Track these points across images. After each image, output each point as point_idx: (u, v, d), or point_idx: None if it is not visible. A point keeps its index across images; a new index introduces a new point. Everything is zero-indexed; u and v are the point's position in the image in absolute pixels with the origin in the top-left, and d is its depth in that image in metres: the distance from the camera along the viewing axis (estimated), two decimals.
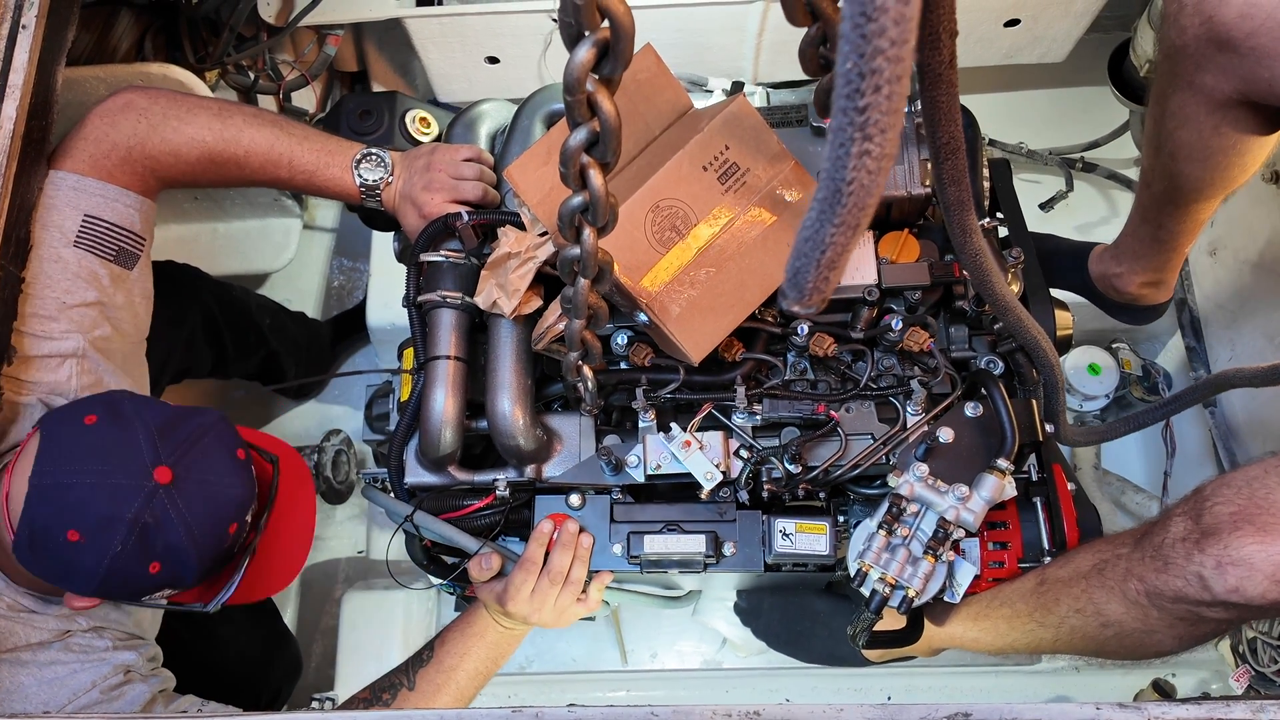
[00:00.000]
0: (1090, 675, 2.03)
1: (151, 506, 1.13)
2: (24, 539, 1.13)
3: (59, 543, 1.12)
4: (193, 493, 1.16)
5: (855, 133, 0.54)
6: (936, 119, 0.89)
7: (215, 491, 1.18)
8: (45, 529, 1.12)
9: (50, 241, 1.28)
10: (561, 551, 1.38)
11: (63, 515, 1.11)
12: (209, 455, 1.19)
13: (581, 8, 0.65)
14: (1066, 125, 2.35)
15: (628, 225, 1.20)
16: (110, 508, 1.11)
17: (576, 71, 0.70)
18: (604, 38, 0.69)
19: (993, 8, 2.04)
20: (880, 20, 0.50)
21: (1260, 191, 1.92)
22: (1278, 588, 1.00)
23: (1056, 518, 1.32)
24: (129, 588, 1.18)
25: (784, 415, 1.36)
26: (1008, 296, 1.13)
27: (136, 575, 1.15)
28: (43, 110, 1.32)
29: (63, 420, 1.17)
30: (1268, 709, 0.99)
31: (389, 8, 2.08)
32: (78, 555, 1.12)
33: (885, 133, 0.54)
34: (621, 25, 0.69)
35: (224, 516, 1.19)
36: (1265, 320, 1.92)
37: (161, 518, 1.13)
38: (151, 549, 1.14)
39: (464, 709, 1.41)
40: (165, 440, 1.16)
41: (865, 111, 0.53)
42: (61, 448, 1.14)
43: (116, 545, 1.12)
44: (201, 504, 1.16)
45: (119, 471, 1.13)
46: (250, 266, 2.31)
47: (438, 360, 1.36)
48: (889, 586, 1.24)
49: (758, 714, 1.00)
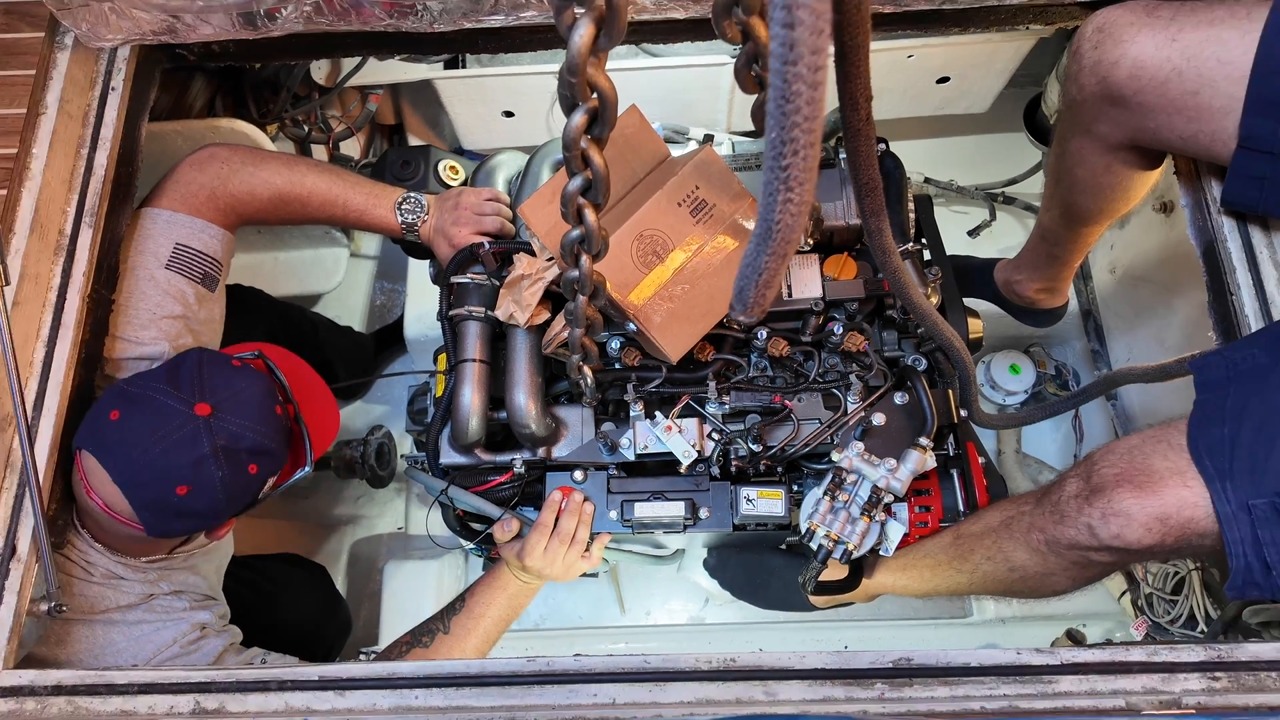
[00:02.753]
0: (1014, 626, 2.04)
1: (215, 433, 1.14)
2: (150, 520, 1.14)
3: (176, 502, 1.13)
4: (233, 405, 1.17)
5: (780, 185, 0.59)
6: (858, 164, 0.91)
7: (246, 394, 1.19)
8: (158, 501, 1.13)
9: (147, 264, 1.29)
10: (569, 517, 1.39)
11: (163, 484, 1.12)
12: (218, 376, 1.19)
13: (576, 84, 0.67)
14: (990, 165, 2.37)
15: (617, 251, 1.20)
16: (191, 452, 1.12)
17: (572, 134, 0.71)
18: (594, 107, 0.70)
19: (927, 68, 2.08)
20: (795, 102, 0.54)
21: (1151, 220, 1.94)
22: (1150, 535, 1.01)
23: (970, 485, 1.33)
24: (249, 494, 1.21)
25: (747, 404, 1.36)
26: (924, 305, 1.15)
27: (245, 483, 1.18)
28: (129, 159, 1.35)
29: (95, 426, 1.16)
30: (1160, 652, 1.02)
31: (421, 71, 2.12)
32: (197, 500, 1.14)
33: (803, 184, 0.59)
34: (608, 98, 0.69)
35: (266, 405, 1.21)
36: (1155, 327, 1.95)
37: (231, 435, 1.15)
38: (240, 459, 1.16)
39: (487, 658, 1.41)
40: (181, 389, 1.16)
41: (787, 170, 0.58)
42: (114, 445, 1.13)
43: (218, 473, 1.14)
44: (245, 407, 1.18)
45: (171, 430, 1.13)
46: (305, 289, 2.33)
47: (465, 363, 1.37)
48: (833, 542, 1.26)
49: (734, 660, 1.03)
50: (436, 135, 2.46)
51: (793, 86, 0.52)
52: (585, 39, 0.63)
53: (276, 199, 1.38)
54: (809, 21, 0.50)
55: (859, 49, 0.74)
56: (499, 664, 1.05)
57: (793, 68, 0.52)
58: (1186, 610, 1.70)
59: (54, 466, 1.16)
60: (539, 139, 1.92)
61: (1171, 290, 1.87)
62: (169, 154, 1.76)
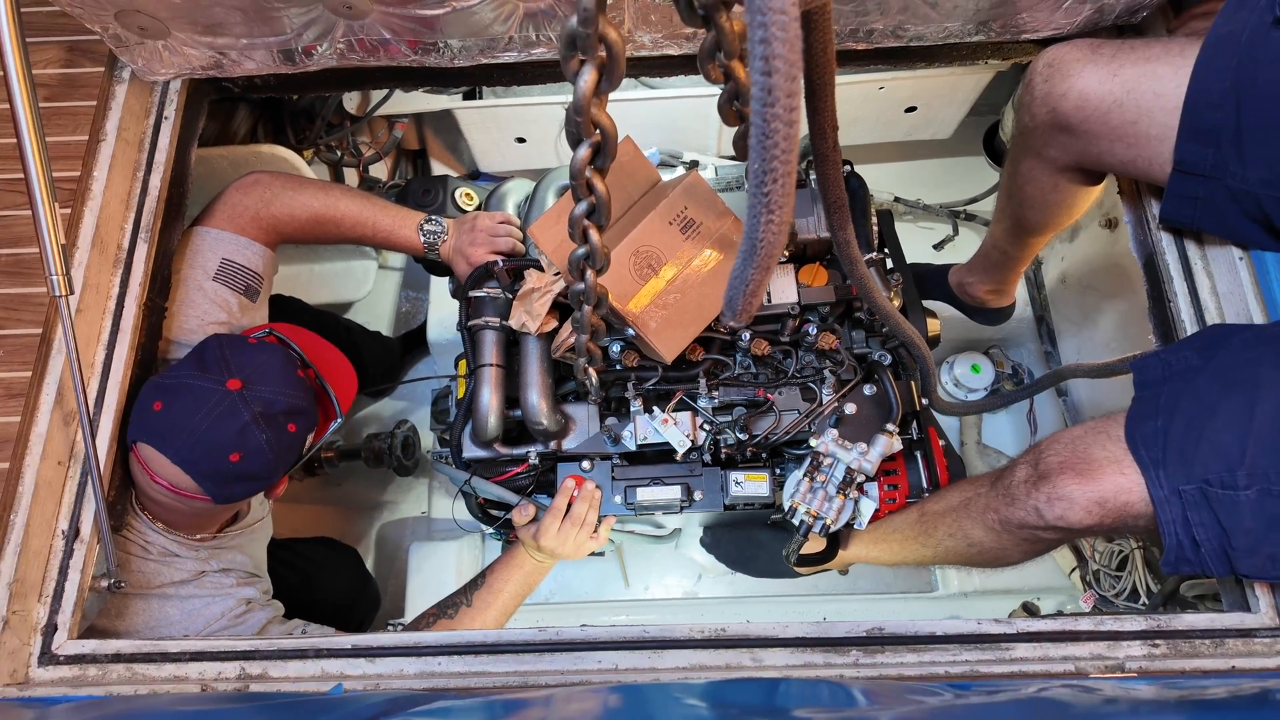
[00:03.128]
0: (975, 600, 2.02)
1: (250, 402, 1.14)
2: (213, 490, 1.15)
3: (232, 469, 1.13)
4: (260, 376, 1.17)
5: (762, 208, 0.60)
6: (826, 185, 0.94)
7: (268, 365, 1.19)
8: (217, 471, 1.13)
9: (196, 277, 1.30)
10: (580, 501, 1.40)
11: (217, 455, 1.12)
12: (241, 354, 1.19)
13: (581, 123, 0.68)
14: (953, 185, 2.36)
15: (616, 265, 1.21)
16: (233, 422, 1.13)
17: (578, 165, 0.72)
18: (597, 141, 0.71)
19: (897, 99, 2.07)
20: (774, 138, 0.56)
21: (1097, 234, 1.94)
22: (1090, 516, 1.03)
23: (932, 466, 1.35)
24: (294, 452, 1.21)
25: (734, 398, 1.38)
26: (887, 307, 1.16)
27: (288, 442, 1.18)
28: (180, 180, 1.35)
29: (144, 420, 1.16)
30: (1106, 622, 1.04)
31: (442, 102, 2.13)
32: (250, 464, 1.14)
33: (783, 207, 0.60)
34: (609, 134, 0.70)
35: (289, 370, 1.20)
36: (1100, 330, 1.94)
37: (264, 402, 1.15)
38: (279, 421, 1.16)
39: (503, 629, 1.40)
40: (209, 371, 1.16)
41: (769, 195, 0.59)
42: (165, 432, 1.13)
43: (263, 437, 1.14)
44: (271, 376, 1.18)
45: (211, 406, 1.13)
46: (339, 297, 2.33)
47: (484, 367, 1.38)
48: (812, 518, 1.27)
49: (724, 630, 1.04)
50: (456, 159, 2.45)
51: (771, 125, 0.55)
52: (589, 84, 0.64)
53: (313, 220, 1.38)
54: (784, 69, 0.52)
55: (826, 86, 0.78)
56: (513, 634, 1.06)
57: (771, 109, 0.54)
58: (1130, 585, 1.69)
59: (113, 456, 1.16)
60: (549, 162, 1.91)
61: (1115, 297, 1.87)
62: (216, 176, 1.78)
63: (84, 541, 1.12)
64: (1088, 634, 1.04)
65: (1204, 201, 1.09)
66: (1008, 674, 0.99)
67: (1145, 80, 1.06)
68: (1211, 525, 0.94)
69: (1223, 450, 0.93)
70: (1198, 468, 0.94)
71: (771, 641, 1.04)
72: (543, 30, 1.18)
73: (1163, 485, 0.96)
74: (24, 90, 1.00)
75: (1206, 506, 0.94)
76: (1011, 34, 1.24)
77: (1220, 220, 1.10)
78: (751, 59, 0.53)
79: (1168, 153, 1.07)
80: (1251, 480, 0.91)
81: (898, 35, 1.21)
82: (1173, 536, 0.97)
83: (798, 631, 1.04)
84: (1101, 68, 1.10)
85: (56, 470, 1.13)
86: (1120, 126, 1.10)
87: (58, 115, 1.28)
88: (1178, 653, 1.02)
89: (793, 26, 0.51)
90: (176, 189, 1.34)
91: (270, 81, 1.38)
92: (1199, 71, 1.02)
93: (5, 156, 1.26)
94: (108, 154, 1.28)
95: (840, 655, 1.02)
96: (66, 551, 1.11)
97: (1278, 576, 0.97)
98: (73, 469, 1.15)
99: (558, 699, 0.82)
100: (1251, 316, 1.16)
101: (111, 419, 1.17)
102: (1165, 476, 0.96)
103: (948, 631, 1.04)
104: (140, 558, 1.20)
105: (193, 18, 1.15)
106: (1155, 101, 1.06)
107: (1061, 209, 1.33)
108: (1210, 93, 1.01)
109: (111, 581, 1.11)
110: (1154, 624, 1.04)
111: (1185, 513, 0.95)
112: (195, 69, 1.28)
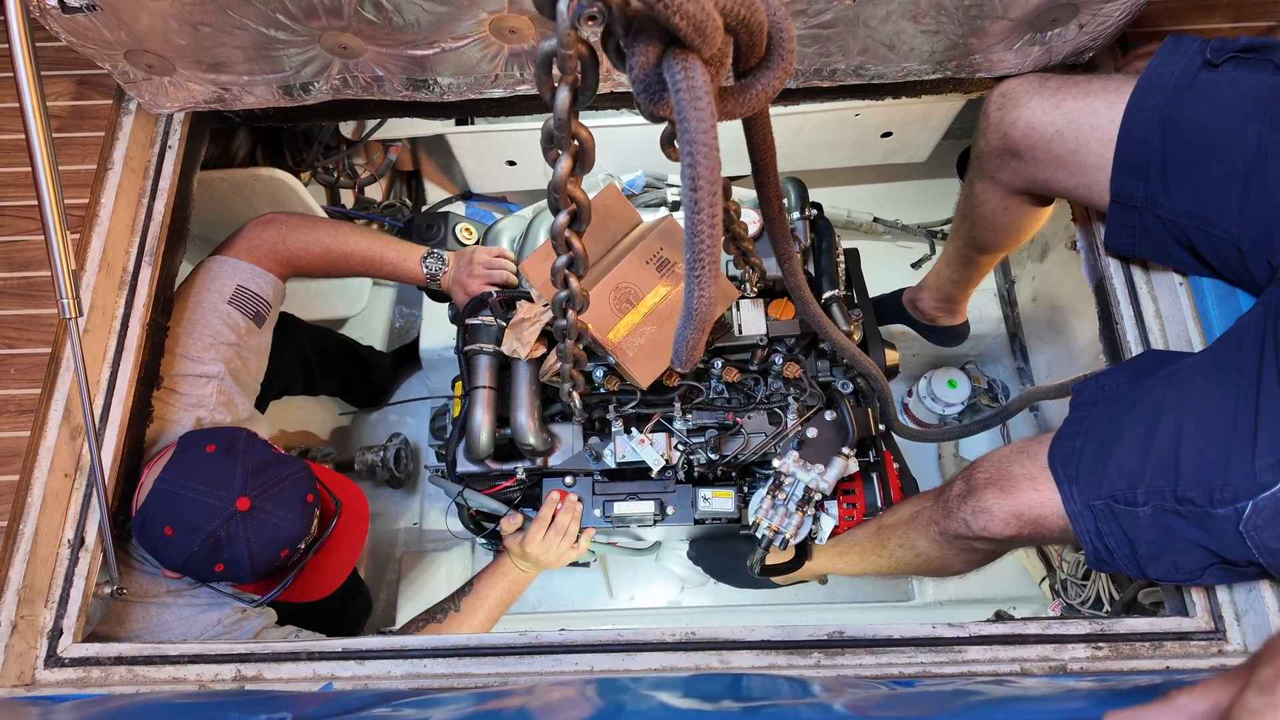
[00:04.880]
0: (951, 609, 2.06)
1: (228, 526, 1.14)
2: (138, 521, 1.17)
3: (158, 533, 1.15)
4: (261, 522, 1.17)
5: (695, 285, 0.71)
6: (775, 239, 1.03)
7: (277, 525, 1.18)
8: (153, 519, 1.15)
9: (212, 299, 1.35)
10: (563, 512, 1.47)
11: (167, 514, 1.14)
12: (283, 496, 1.19)
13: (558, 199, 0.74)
14: (930, 206, 2.40)
15: (598, 299, 1.30)
16: (199, 519, 1.13)
17: (557, 229, 0.78)
18: (573, 210, 0.76)
19: (872, 124, 2.10)
20: (700, 238, 0.67)
21: (1065, 256, 1.97)
22: (1009, 528, 1.08)
23: (886, 486, 1.41)
24: (200, 575, 1.20)
25: (706, 421, 1.44)
26: (841, 341, 1.22)
27: (205, 570, 1.18)
28: (183, 206, 1.39)
29: (194, 443, 1.19)
30: (1053, 626, 1.08)
31: (435, 127, 2.14)
32: (167, 545, 1.15)
33: (710, 283, 0.72)
34: (583, 205, 0.76)
35: (279, 545, 1.19)
36: (1068, 346, 1.99)
37: (232, 535, 1.15)
38: (218, 555, 1.16)
39: (486, 632, 1.45)
40: (255, 478, 1.17)
41: (699, 277, 0.70)
42: (185, 465, 1.16)
43: (194, 547, 1.14)
44: (265, 532, 1.17)
45: (215, 494, 1.14)
46: (334, 313, 2.34)
47: (477, 389, 1.44)
48: (773, 532, 1.33)
49: (694, 633, 1.08)
50: (450, 180, 2.48)
51: (698, 228, 0.66)
52: (565, 169, 0.71)
53: (325, 255, 1.45)
54: (706, 187, 0.64)
55: (768, 169, 0.90)
56: (494, 638, 1.10)
57: (697, 215, 0.65)
58: (1094, 593, 1.71)
59: (118, 469, 1.19)
60: (538, 184, 1.96)
61: (1081, 316, 1.91)
62: (216, 198, 1.81)
63: (89, 550, 1.15)
64: (1035, 637, 1.08)
65: (1140, 230, 1.15)
66: (958, 674, 1.04)
67: (1084, 114, 1.13)
68: (1119, 535, 1.01)
69: (1126, 469, 0.99)
70: (1105, 485, 1.00)
71: (738, 644, 1.08)
72: (526, 69, 1.25)
73: (1075, 500, 1.02)
74: (39, 122, 1.05)
75: (1113, 519, 1.00)
76: (968, 73, 1.30)
77: (1156, 248, 1.16)
78: (683, 177, 0.64)
79: (1105, 181, 1.13)
80: (1149, 496, 0.97)
81: (859, 74, 1.28)
82: (1089, 543, 1.03)
83: (763, 635, 1.08)
84: (1046, 99, 1.17)
85: (63, 482, 1.17)
86: (1062, 155, 1.16)
87: (68, 145, 1.33)
88: (1119, 654, 1.07)
89: (713, 155, 0.62)
90: (179, 214, 1.38)
91: (270, 113, 1.43)
92: (1131, 109, 1.09)
93: (19, 185, 1.31)
94: (115, 182, 1.32)
95: (803, 657, 1.07)
96: (72, 559, 1.14)
97: (1183, 580, 1.03)
98: (79, 481, 1.18)
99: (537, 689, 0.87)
100: (1190, 338, 1.22)
101: (115, 433, 1.20)
102: (1078, 492, 1.02)
103: (904, 635, 1.08)
104: (139, 568, 1.24)
105: (197, 57, 1.20)
106: (1092, 133, 1.12)
107: (1011, 231, 1.38)
108: (1140, 129, 1.08)
109: (114, 589, 1.15)
110: (1098, 628, 1.09)
111: (1097, 524, 1.02)
112: (199, 102, 1.33)
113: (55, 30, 1.13)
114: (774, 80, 0.70)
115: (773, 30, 0.68)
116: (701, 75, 0.62)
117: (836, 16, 1.13)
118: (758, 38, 0.67)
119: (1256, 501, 0.89)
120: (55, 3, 1.08)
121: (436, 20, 1.12)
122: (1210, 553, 0.96)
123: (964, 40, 1.20)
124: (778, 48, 0.69)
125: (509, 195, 2.44)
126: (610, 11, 0.60)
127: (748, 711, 0.74)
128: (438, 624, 1.43)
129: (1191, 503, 0.94)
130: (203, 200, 1.50)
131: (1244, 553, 0.93)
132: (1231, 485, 0.91)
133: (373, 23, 1.12)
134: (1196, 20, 1.41)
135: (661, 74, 0.64)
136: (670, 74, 0.62)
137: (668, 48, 0.63)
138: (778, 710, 0.76)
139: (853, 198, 2.47)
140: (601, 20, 0.60)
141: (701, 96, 0.61)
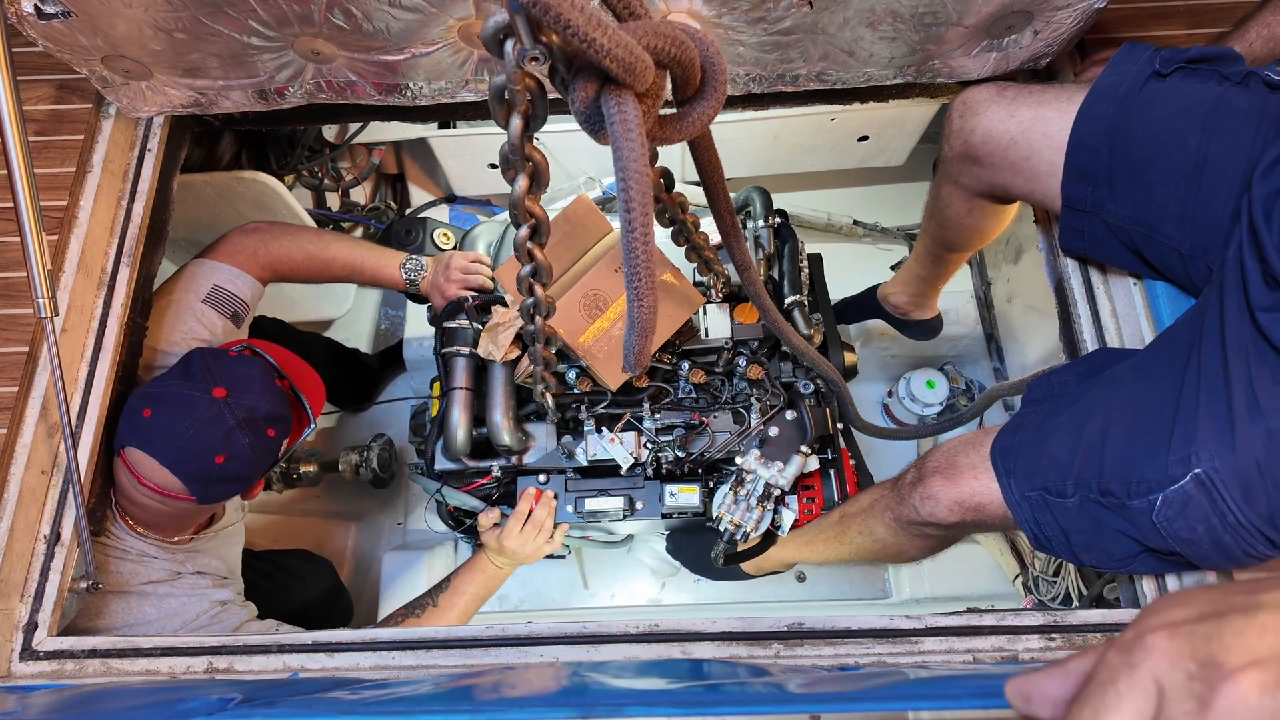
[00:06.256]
0: (927, 605, 2.04)
1: (234, 409, 1.19)
2: (199, 490, 1.19)
3: (218, 469, 1.18)
4: (243, 386, 1.22)
5: (635, 298, 0.76)
6: (732, 252, 1.07)
7: (251, 376, 1.25)
8: (203, 472, 1.18)
9: (188, 298, 1.37)
10: (539, 508, 1.50)
11: (205, 456, 1.17)
12: (224, 365, 1.24)
13: (518, 214, 0.80)
14: (908, 209, 2.44)
15: (569, 305, 1.34)
16: (219, 427, 1.18)
17: (520, 240, 0.82)
18: (533, 224, 0.81)
19: (849, 129, 2.15)
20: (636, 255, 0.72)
21: (1038, 258, 1.88)
22: (953, 514, 1.13)
23: (843, 482, 1.45)
24: (272, 455, 1.26)
25: (674, 421, 1.48)
26: (800, 344, 1.25)
27: (268, 445, 1.23)
28: (162, 208, 1.40)
29: (133, 426, 1.20)
30: (1007, 618, 1.09)
31: (417, 131, 2.19)
32: (233, 465, 1.20)
33: (648, 295, 0.76)
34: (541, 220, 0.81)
35: (268, 381, 1.26)
36: (1040, 346, 2.03)
37: (247, 409, 1.21)
38: (259, 425, 1.22)
39: (455, 626, 1.44)
40: (196, 380, 1.21)
41: (637, 289, 0.75)
42: (154, 437, 1.18)
43: (245, 440, 1.19)
44: (253, 386, 1.23)
45: (199, 413, 1.18)
46: (319, 315, 2.36)
47: (454, 390, 1.47)
48: (735, 526, 1.37)
49: (657, 625, 1.10)
50: (434, 183, 2.51)
51: (633, 246, 0.71)
52: (523, 187, 0.76)
53: (307, 260, 1.49)
54: (639, 209, 0.69)
55: (716, 186, 0.95)
56: (462, 630, 1.12)
57: (632, 234, 0.70)
58: (1064, 590, 1.75)
59: (94, 466, 1.20)
60: None
61: (1053, 317, 1.91)
62: (200, 200, 1.83)
63: (64, 545, 1.16)
64: (990, 629, 1.09)
65: (1089, 234, 1.18)
66: (913, 664, 1.06)
67: (1038, 123, 1.16)
68: (1054, 525, 1.04)
69: (1058, 462, 1.03)
70: (1038, 477, 1.04)
71: (700, 636, 1.10)
72: (496, 74, 1.27)
73: (1014, 491, 1.06)
74: (15, 125, 1.05)
75: (1047, 509, 1.04)
76: (929, 78, 1.33)
77: (1106, 251, 1.19)
78: (618, 201, 0.68)
79: (1057, 187, 1.17)
80: (1077, 488, 1.01)
81: (821, 80, 1.31)
82: (1029, 530, 1.07)
83: (724, 626, 1.10)
84: (1003, 108, 1.21)
85: (40, 479, 1.18)
86: (1017, 161, 1.20)
87: (47, 148, 1.35)
88: (1071, 645, 1.08)
89: (644, 181, 0.67)
90: (158, 216, 1.40)
91: (248, 116, 1.44)
92: (1081, 117, 1.12)
93: None
94: (93, 184, 1.33)
95: (763, 648, 1.09)
96: (48, 554, 1.15)
97: (1117, 567, 1.06)
98: (55, 478, 1.19)
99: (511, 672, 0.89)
100: (1144, 337, 1.25)
101: (93, 431, 1.21)
102: (1015, 484, 1.06)
103: (862, 626, 1.09)
104: (118, 559, 1.25)
105: (173, 62, 1.22)
106: (1044, 141, 1.16)
107: (976, 231, 1.43)
108: (1089, 136, 1.11)
109: (90, 583, 1.16)
110: (1051, 619, 1.10)
111: (1034, 514, 1.05)
112: (176, 107, 1.35)
113: (32, 36, 1.15)
114: (708, 109, 0.74)
115: (705, 64, 0.73)
116: (633, 110, 0.66)
117: (795, 24, 1.16)
118: (690, 72, 0.72)
119: (1166, 494, 0.92)
120: (31, 9, 1.10)
121: (406, 27, 1.14)
122: (1135, 541, 1.00)
123: (922, 46, 1.23)
124: (711, 80, 0.73)
125: (493, 198, 2.47)
126: (552, 52, 0.64)
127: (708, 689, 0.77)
128: (415, 619, 1.44)
129: (1112, 494, 0.97)
130: (187, 203, 1.53)
131: (1162, 542, 0.97)
132: (1146, 479, 0.94)
133: (343, 29, 1.14)
134: (1153, 27, 1.44)
135: (600, 108, 0.67)
136: (606, 109, 0.67)
137: (605, 84, 0.67)
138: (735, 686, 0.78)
139: (833, 201, 2.50)
140: (544, 59, 0.64)
141: (633, 129, 0.66)
